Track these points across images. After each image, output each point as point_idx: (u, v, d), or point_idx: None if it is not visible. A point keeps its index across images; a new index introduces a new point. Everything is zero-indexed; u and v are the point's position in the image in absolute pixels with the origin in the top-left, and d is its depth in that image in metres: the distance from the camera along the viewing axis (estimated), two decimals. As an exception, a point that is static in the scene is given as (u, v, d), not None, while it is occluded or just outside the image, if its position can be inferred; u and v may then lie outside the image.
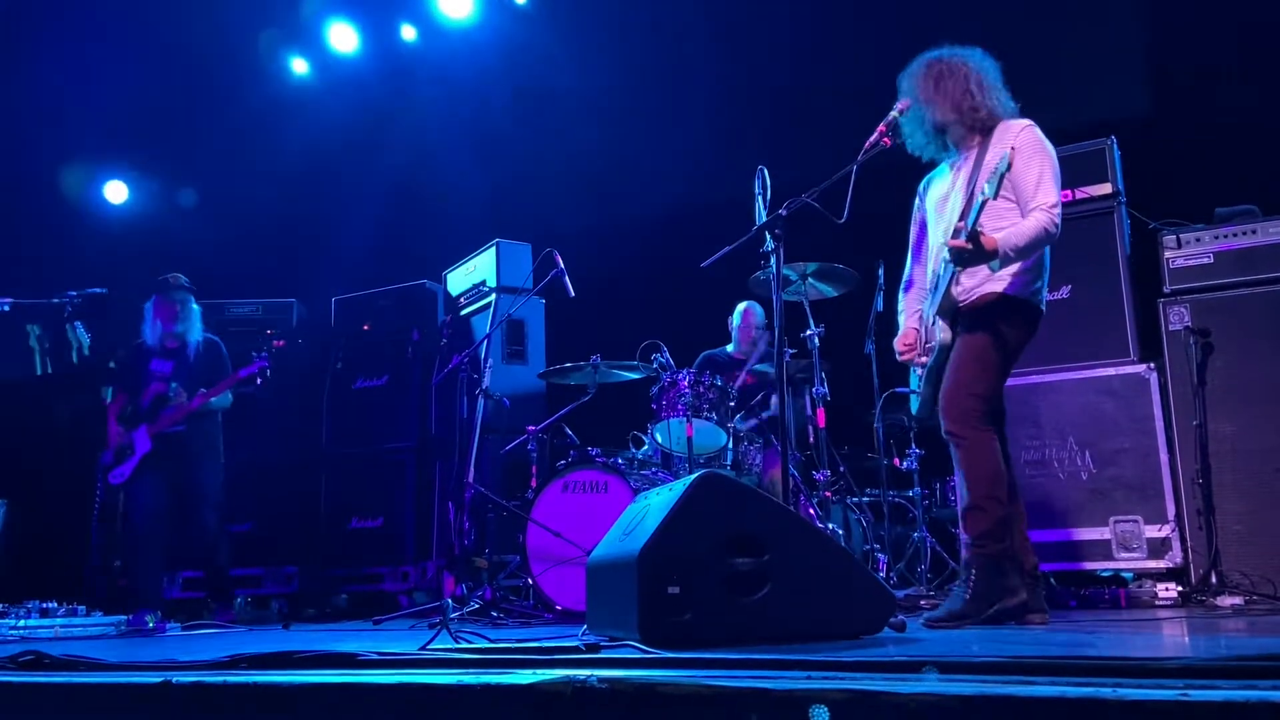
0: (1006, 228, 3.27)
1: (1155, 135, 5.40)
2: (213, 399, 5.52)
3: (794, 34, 7.12)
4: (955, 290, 3.41)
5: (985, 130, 3.47)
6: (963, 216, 3.29)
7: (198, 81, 7.92)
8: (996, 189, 3.13)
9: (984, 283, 3.39)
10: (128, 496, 5.55)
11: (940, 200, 3.60)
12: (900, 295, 3.85)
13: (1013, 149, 3.20)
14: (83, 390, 6.27)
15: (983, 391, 3.31)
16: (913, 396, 3.63)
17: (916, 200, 3.81)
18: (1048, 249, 3.42)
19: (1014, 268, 3.34)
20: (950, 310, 3.42)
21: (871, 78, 3.73)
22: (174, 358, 5.60)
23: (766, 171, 3.97)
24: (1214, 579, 4.16)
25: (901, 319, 3.81)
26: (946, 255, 3.30)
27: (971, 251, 3.18)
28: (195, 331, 5.68)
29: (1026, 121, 3.45)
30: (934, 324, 3.45)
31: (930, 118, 3.51)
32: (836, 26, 6.84)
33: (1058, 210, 3.29)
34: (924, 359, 3.54)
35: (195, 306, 5.72)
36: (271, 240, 8.39)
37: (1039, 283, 3.45)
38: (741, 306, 6.04)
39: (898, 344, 3.74)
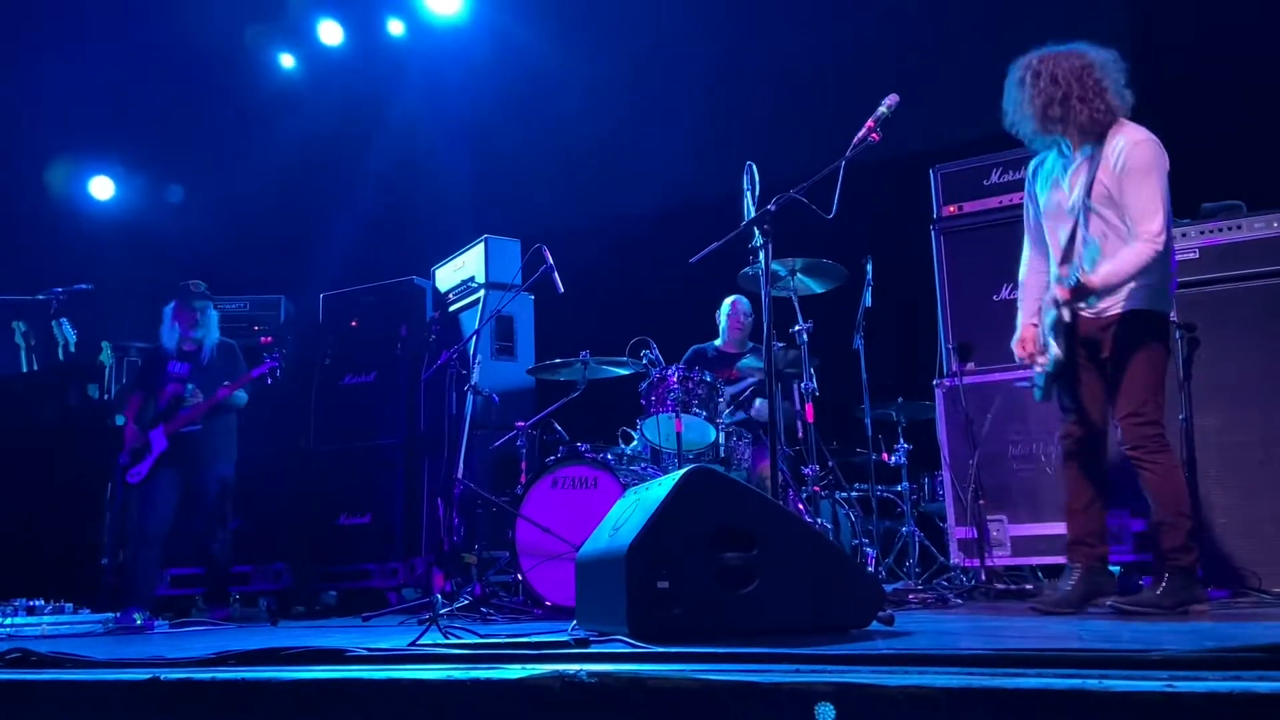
0: (1110, 236, 3.38)
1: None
2: (227, 398, 5.62)
3: (782, 29, 7.12)
4: (1064, 311, 3.48)
5: (1104, 128, 3.46)
6: (1071, 246, 3.44)
7: (185, 76, 7.89)
8: (1095, 262, 3.31)
9: (1114, 299, 3.45)
10: (141, 495, 5.58)
11: (1059, 201, 3.60)
12: (1021, 284, 3.85)
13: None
14: (69, 387, 6.23)
15: (1155, 415, 3.41)
16: (1036, 388, 3.67)
17: (1027, 186, 3.82)
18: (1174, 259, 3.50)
19: (1142, 281, 3.40)
20: (1063, 325, 3.50)
21: (861, 72, 3.74)
22: (190, 360, 5.70)
23: (755, 167, 3.98)
24: (1200, 572, 4.18)
25: (1019, 316, 3.81)
26: (1051, 296, 3.45)
27: (1075, 297, 3.37)
28: (212, 335, 5.78)
29: (1146, 134, 3.42)
30: (1049, 337, 3.53)
31: (1045, 109, 3.50)
32: (825, 22, 6.85)
33: (1162, 238, 3.31)
34: (1042, 360, 3.58)
35: (213, 312, 5.84)
36: (259, 236, 8.36)
37: (1164, 291, 3.50)
38: (729, 300, 6.05)
39: (1016, 348, 3.76)
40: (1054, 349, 3.51)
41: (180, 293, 5.77)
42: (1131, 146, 3.37)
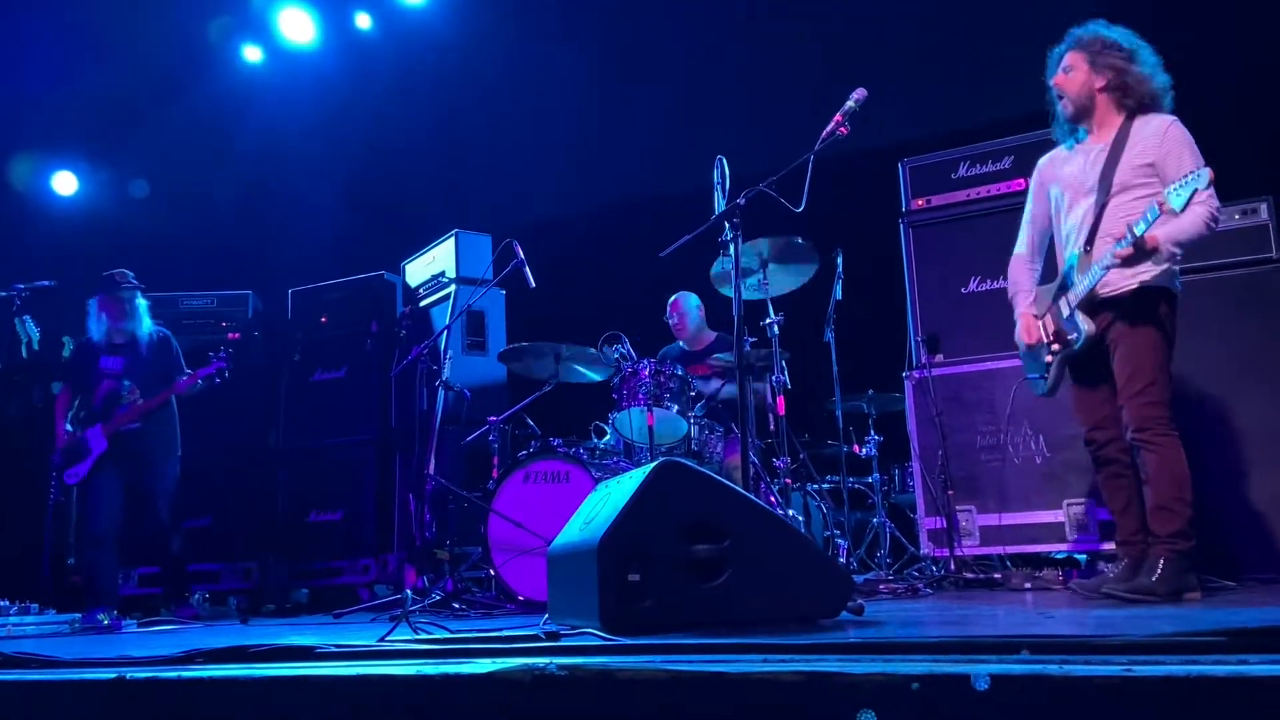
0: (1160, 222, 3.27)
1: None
2: (168, 398, 5.47)
3: (753, 23, 7.14)
4: (1099, 284, 3.43)
5: (1129, 117, 3.46)
6: (1098, 224, 3.38)
7: (149, 70, 7.78)
8: (1146, 228, 3.18)
9: (1131, 276, 3.39)
10: (83, 496, 5.45)
11: (1075, 186, 3.58)
12: (1011, 279, 3.84)
13: (1159, 202, 3.18)
14: (33, 385, 6.15)
15: (1163, 396, 3.36)
16: (1038, 380, 3.66)
17: (1035, 175, 3.81)
18: None
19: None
20: (1090, 304, 3.45)
21: (830, 67, 3.76)
22: (124, 354, 5.50)
23: (725, 161, 3.99)
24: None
25: (1017, 304, 3.80)
26: (1106, 260, 3.32)
27: (1134, 256, 3.24)
28: (144, 326, 5.58)
29: (1172, 118, 3.43)
30: (1074, 315, 3.48)
31: (1079, 94, 3.52)
32: (795, 16, 6.87)
33: (1215, 199, 3.28)
34: (1056, 346, 3.56)
35: (142, 301, 5.61)
36: (226, 232, 8.27)
37: (1176, 271, 3.47)
38: (669, 303, 6.05)
39: (1020, 336, 3.74)
40: (1086, 324, 3.42)
41: (105, 283, 5.54)
42: (1168, 129, 3.38)
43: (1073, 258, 3.55)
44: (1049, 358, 3.60)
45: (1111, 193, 3.43)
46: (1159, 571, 3.30)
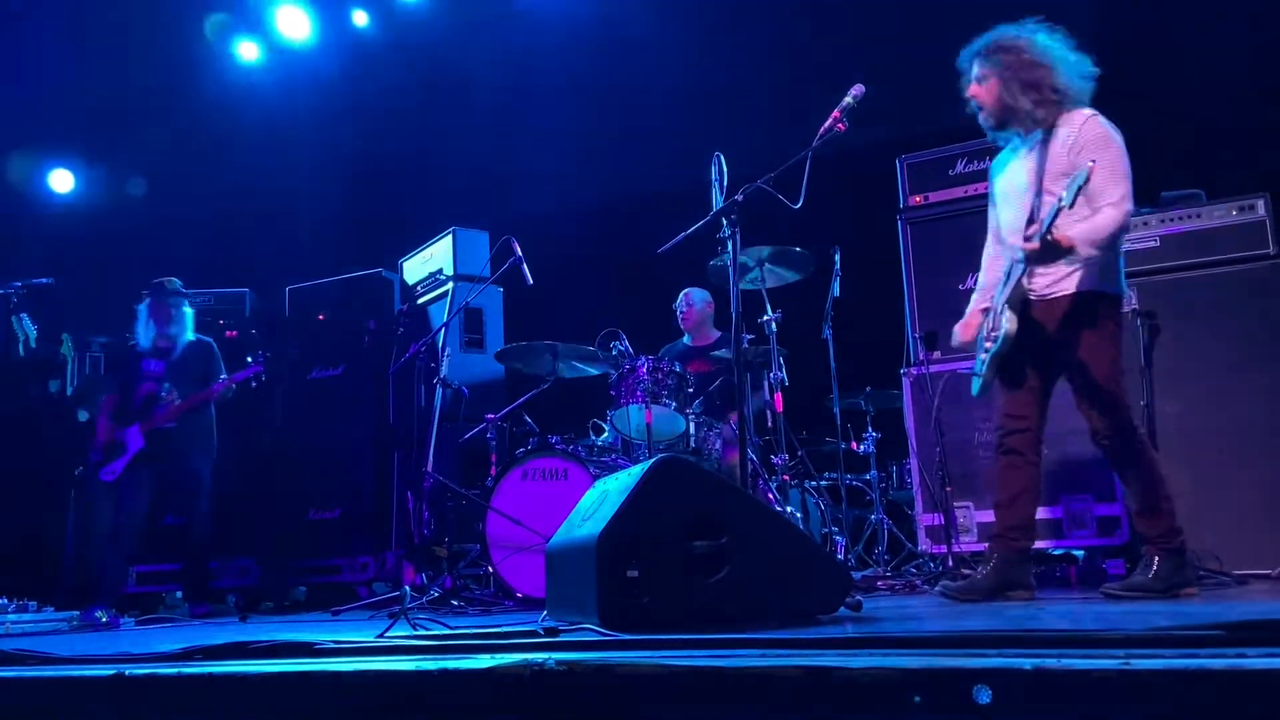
0: (1077, 221, 3.27)
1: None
2: (205, 401, 5.60)
3: (752, 18, 7.13)
4: (1029, 284, 3.45)
5: (1053, 117, 3.45)
6: (1032, 221, 3.35)
7: (146, 67, 7.77)
8: (1073, 199, 3.14)
9: (1064, 279, 3.40)
10: (113, 492, 5.51)
11: (1009, 187, 3.61)
12: (980, 283, 3.86)
13: (1093, 162, 3.18)
14: (30, 383, 6.14)
15: (1124, 402, 3.38)
16: (974, 379, 3.66)
17: (989, 183, 3.83)
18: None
19: (1093, 261, 3.36)
20: (1018, 301, 3.45)
21: (828, 62, 3.76)
22: (165, 358, 5.65)
23: (723, 158, 3.99)
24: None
25: (972, 302, 3.83)
26: (1018, 254, 3.33)
27: (1043, 252, 3.22)
28: (187, 333, 5.74)
29: (1090, 112, 3.43)
30: (1002, 313, 3.47)
31: (995, 102, 3.52)
32: (793, 11, 6.87)
33: (1129, 203, 3.30)
34: (988, 344, 3.55)
35: (188, 310, 5.80)
36: (223, 230, 8.25)
37: (1116, 270, 3.46)
38: (682, 293, 6.07)
39: (957, 330, 3.78)
40: (1006, 323, 3.42)
41: (155, 289, 5.72)
42: (1084, 124, 3.39)
43: (1010, 257, 3.55)
44: (983, 355, 3.59)
45: (1041, 192, 3.43)
46: (1155, 569, 3.30)
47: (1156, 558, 3.32)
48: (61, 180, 8.38)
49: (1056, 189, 3.31)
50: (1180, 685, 1.33)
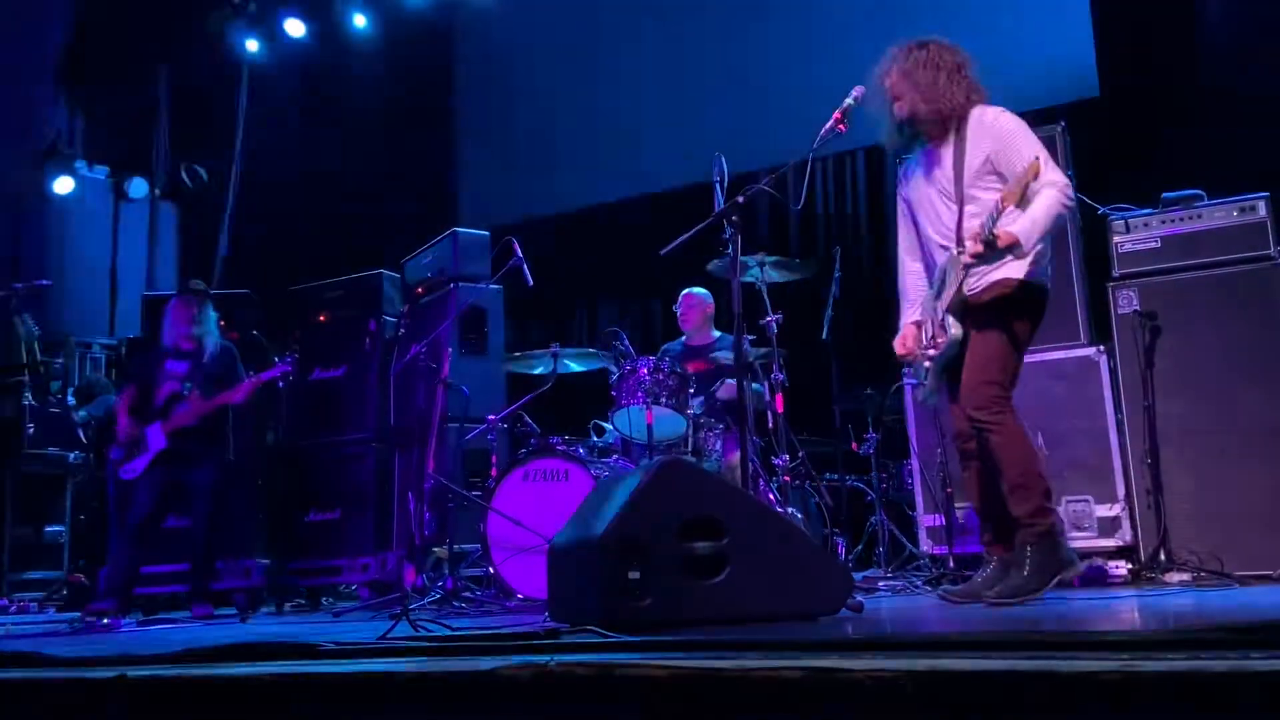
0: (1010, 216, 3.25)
1: (1102, 121, 5.49)
2: (226, 402, 5.58)
3: (752, 18, 7.14)
4: (965, 285, 3.41)
5: (959, 121, 3.45)
6: (961, 222, 3.36)
7: (148, 65, 7.77)
8: (1022, 194, 3.12)
9: (990, 273, 3.38)
10: (129, 491, 5.50)
11: (924, 195, 3.58)
12: (901, 289, 3.83)
13: (1037, 158, 3.16)
14: (31, 383, 6.15)
15: (999, 378, 3.34)
16: (918, 386, 3.65)
17: (899, 190, 3.80)
18: None
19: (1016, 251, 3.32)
20: (960, 306, 3.43)
21: (828, 65, 3.76)
22: (189, 359, 5.62)
23: (725, 158, 3.99)
24: (1163, 557, 4.25)
25: (903, 316, 3.79)
26: (960, 260, 3.30)
27: (987, 253, 3.21)
28: (211, 336, 5.72)
29: (997, 109, 3.44)
30: (944, 320, 3.44)
31: (900, 109, 3.51)
32: (794, 15, 6.87)
33: (1065, 182, 3.29)
34: (931, 352, 3.54)
35: (213, 312, 5.77)
36: (224, 230, 8.26)
37: (1044, 259, 3.44)
38: (682, 293, 6.05)
39: (896, 346, 3.74)
40: (953, 329, 3.40)
41: (179, 289, 5.74)
42: (994, 119, 3.40)
43: (943, 262, 3.52)
44: (926, 364, 3.57)
45: (965, 193, 3.42)
46: (1028, 565, 3.23)
47: (1028, 549, 3.25)
48: (62, 183, 8.38)
49: (978, 186, 3.31)
50: (1185, 688, 1.33)
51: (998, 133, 3.36)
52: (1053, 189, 3.25)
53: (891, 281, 5.25)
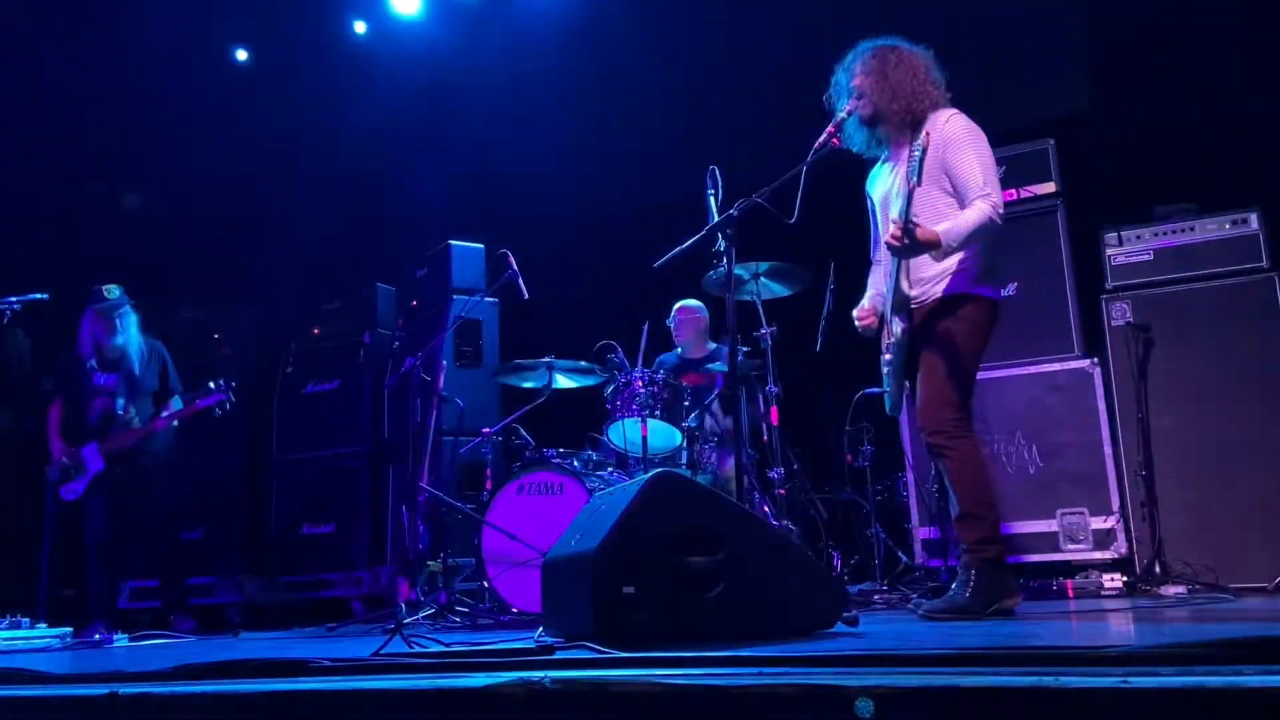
0: (946, 212, 3.32)
1: (1095, 135, 5.51)
2: (167, 425, 5.44)
3: (748, 32, 7.17)
4: (906, 288, 3.45)
5: (916, 124, 3.49)
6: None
7: (139, 75, 7.77)
8: (919, 173, 3.17)
9: (935, 284, 3.43)
10: (81, 512, 5.39)
11: (886, 196, 3.63)
12: (871, 285, 3.88)
13: (926, 134, 3.25)
14: (25, 398, 6.12)
15: (955, 399, 3.35)
16: (885, 395, 3.65)
17: (866, 187, 3.83)
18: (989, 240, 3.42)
19: (951, 263, 3.38)
20: (903, 305, 3.45)
21: (823, 78, 3.78)
22: (117, 370, 5.45)
23: (719, 171, 4.00)
24: (1157, 569, 4.26)
25: (865, 298, 3.84)
26: (893, 250, 3.32)
27: (909, 245, 3.21)
28: (134, 342, 5.51)
29: (952, 110, 3.49)
30: (891, 320, 3.48)
31: (862, 112, 3.56)
32: (785, 28, 6.90)
33: (998, 197, 3.33)
34: (887, 356, 3.55)
35: (133, 315, 5.53)
36: (219, 243, 8.24)
37: (989, 274, 3.46)
38: (675, 305, 6.05)
39: (856, 313, 3.78)
40: (897, 326, 3.43)
41: (93, 299, 5.42)
42: (947, 121, 3.44)
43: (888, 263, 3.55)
44: (885, 369, 3.59)
45: (914, 192, 3.39)
46: (970, 587, 3.25)
47: (973, 571, 3.27)
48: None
49: (928, 188, 3.34)
50: (1179, 704, 1.32)
51: (949, 135, 3.41)
52: (985, 202, 3.30)
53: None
